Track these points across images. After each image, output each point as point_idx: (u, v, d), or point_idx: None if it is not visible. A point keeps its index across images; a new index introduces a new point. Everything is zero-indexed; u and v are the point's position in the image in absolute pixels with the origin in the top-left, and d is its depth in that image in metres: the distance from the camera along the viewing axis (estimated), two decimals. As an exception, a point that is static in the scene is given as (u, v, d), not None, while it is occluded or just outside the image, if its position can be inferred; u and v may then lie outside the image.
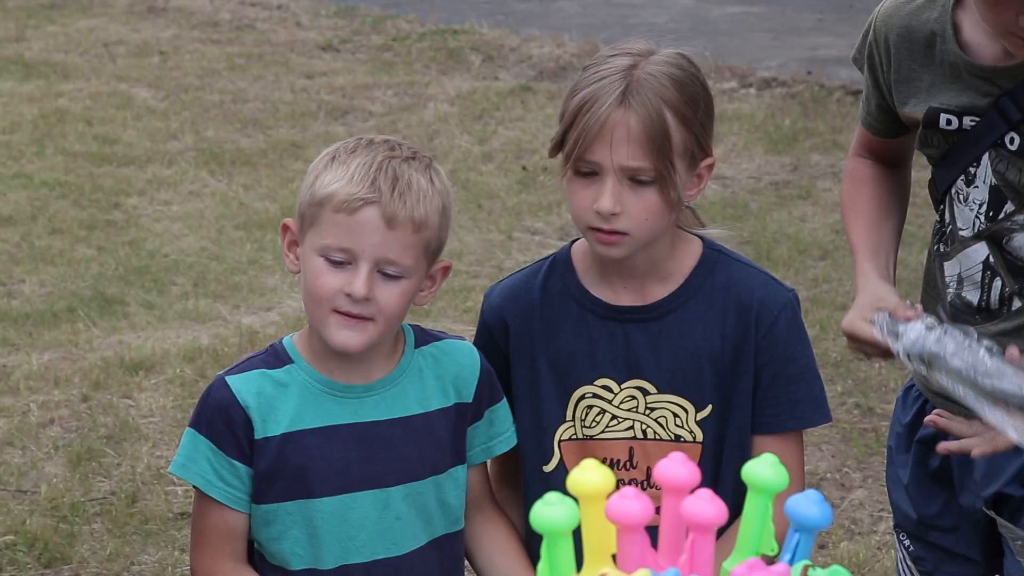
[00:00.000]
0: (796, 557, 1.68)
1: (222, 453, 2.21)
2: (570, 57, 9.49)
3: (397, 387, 2.25)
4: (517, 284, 2.42)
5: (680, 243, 2.35)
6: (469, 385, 2.30)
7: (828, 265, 5.93)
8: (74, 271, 6.04)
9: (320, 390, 2.23)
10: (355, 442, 2.22)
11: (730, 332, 2.31)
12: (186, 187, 7.20)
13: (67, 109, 8.47)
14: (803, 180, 7.15)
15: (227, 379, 2.24)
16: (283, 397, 2.22)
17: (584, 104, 2.21)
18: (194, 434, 2.23)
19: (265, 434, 2.20)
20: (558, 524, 1.59)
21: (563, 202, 6.86)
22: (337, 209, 2.15)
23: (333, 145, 2.25)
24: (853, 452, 4.52)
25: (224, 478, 2.21)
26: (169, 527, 4.15)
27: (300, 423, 2.21)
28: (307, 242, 2.20)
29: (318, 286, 2.18)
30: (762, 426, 2.34)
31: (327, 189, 2.17)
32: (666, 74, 2.23)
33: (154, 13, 11.20)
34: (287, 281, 5.96)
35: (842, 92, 8.51)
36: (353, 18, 10.88)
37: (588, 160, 2.22)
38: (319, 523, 2.22)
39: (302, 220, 2.22)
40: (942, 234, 2.48)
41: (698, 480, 1.68)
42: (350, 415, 2.23)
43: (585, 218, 2.25)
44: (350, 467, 2.21)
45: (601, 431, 2.34)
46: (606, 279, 2.35)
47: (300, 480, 2.21)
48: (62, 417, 4.80)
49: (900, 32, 2.41)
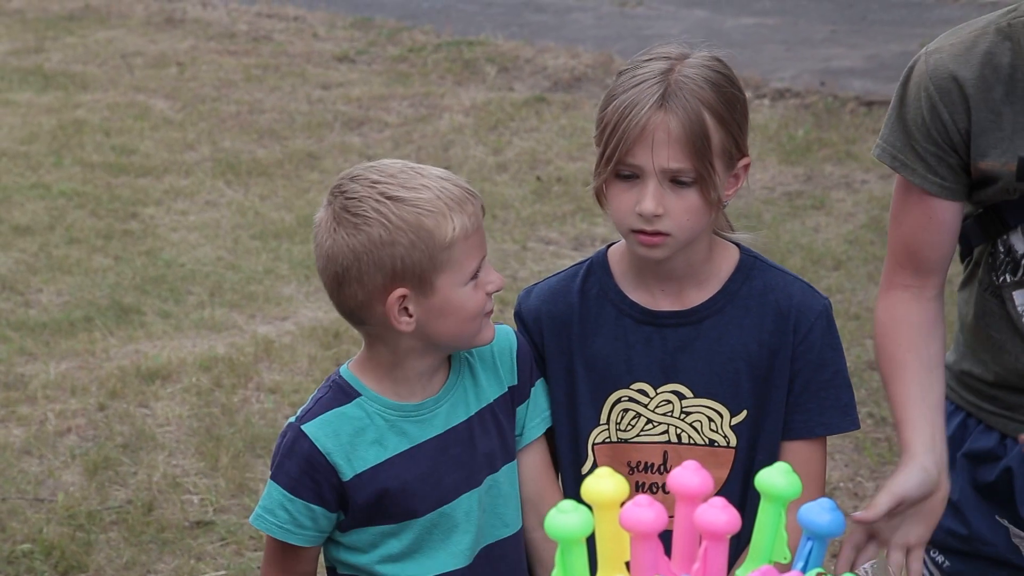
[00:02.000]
0: (809, 565, 1.70)
1: (299, 500, 2.22)
2: (584, 68, 9.51)
3: (459, 390, 2.29)
4: (555, 287, 2.44)
5: (717, 248, 2.38)
6: (510, 365, 2.33)
7: (841, 275, 5.94)
8: (91, 280, 6.07)
9: (396, 416, 2.25)
10: (440, 453, 2.25)
11: (767, 337, 2.33)
12: (203, 197, 7.23)
13: (85, 120, 8.52)
14: (816, 191, 7.15)
15: (303, 428, 2.22)
16: (362, 433, 2.23)
17: (624, 108, 2.23)
18: (273, 486, 2.24)
19: (354, 472, 2.22)
20: (572, 532, 1.61)
21: (577, 212, 6.88)
22: (464, 236, 2.18)
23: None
24: (866, 461, 4.53)
25: (300, 523, 2.23)
26: (185, 536, 4.18)
27: (385, 453, 2.23)
28: (442, 287, 2.18)
29: (476, 304, 2.22)
30: (791, 432, 2.35)
31: (447, 232, 2.17)
32: (703, 76, 2.25)
33: (172, 24, 11.25)
34: (302, 291, 5.99)
35: (855, 103, 8.52)
36: (369, 30, 10.92)
37: (629, 163, 2.24)
38: (424, 537, 2.26)
39: (420, 279, 2.17)
40: (1008, 264, 2.44)
41: (711, 489, 1.69)
42: (428, 431, 2.26)
43: (627, 221, 2.26)
44: (443, 479, 2.25)
45: (636, 435, 2.36)
46: (643, 283, 2.37)
47: (401, 504, 2.23)
48: (79, 426, 4.83)
49: (972, 81, 2.31)
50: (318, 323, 5.61)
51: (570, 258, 6.26)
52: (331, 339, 5.44)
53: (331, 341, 5.43)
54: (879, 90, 8.79)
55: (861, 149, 7.74)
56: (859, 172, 7.42)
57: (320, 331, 5.52)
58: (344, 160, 7.84)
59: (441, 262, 2.14)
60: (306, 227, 6.76)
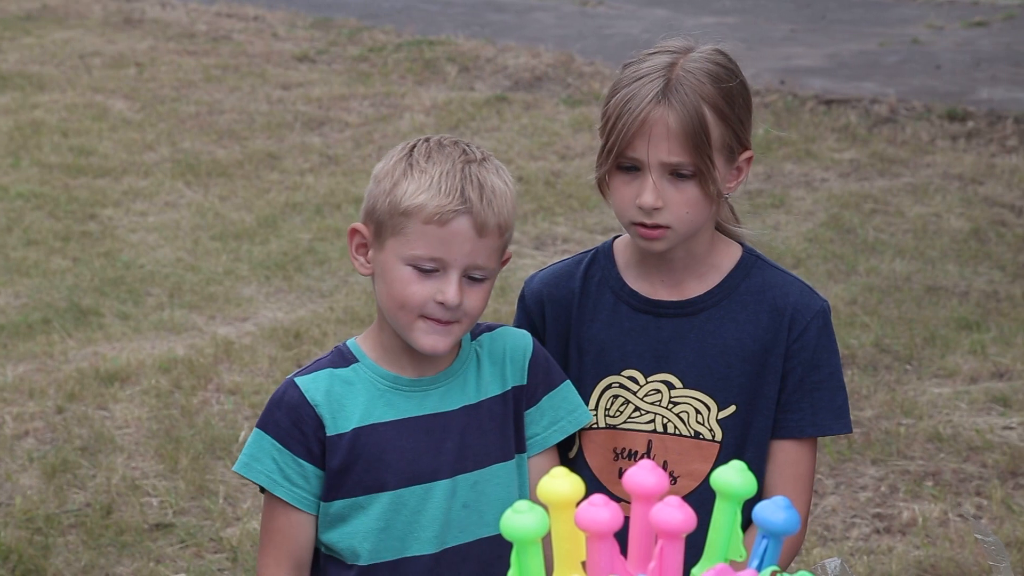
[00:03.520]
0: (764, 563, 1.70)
1: (288, 452, 2.23)
2: (545, 68, 9.51)
3: (459, 378, 2.29)
4: (559, 272, 2.46)
5: (720, 244, 2.39)
6: (521, 367, 2.33)
7: (801, 273, 5.96)
8: (49, 282, 6.03)
9: (387, 386, 2.27)
10: (423, 433, 2.26)
11: (762, 333, 2.34)
12: (162, 198, 7.20)
13: (43, 121, 8.46)
14: (776, 189, 7.18)
15: (296, 380, 2.27)
16: (352, 394, 2.26)
17: (625, 102, 2.25)
18: (260, 434, 2.26)
19: (336, 431, 2.23)
20: (528, 532, 1.61)
21: (539, 212, 6.88)
22: (428, 220, 2.17)
23: (398, 148, 2.26)
24: (826, 459, 4.55)
25: (289, 477, 2.24)
26: (144, 538, 4.15)
27: (370, 418, 2.25)
28: (389, 249, 2.21)
29: (408, 295, 2.20)
30: (782, 431, 2.35)
31: (414, 200, 2.17)
32: (704, 71, 2.27)
33: (130, 25, 11.19)
34: (262, 292, 5.97)
35: (815, 102, 8.56)
36: (329, 29, 10.89)
37: (629, 156, 2.26)
38: (391, 515, 2.25)
39: (379, 227, 2.22)
40: None
41: (667, 487, 1.69)
42: (417, 408, 2.27)
43: (628, 213, 2.28)
44: (420, 458, 2.25)
45: (623, 421, 2.36)
46: (645, 273, 2.38)
47: (373, 473, 2.24)
48: (37, 429, 4.79)
49: None
50: (278, 324, 5.59)
51: (531, 257, 6.27)
52: (292, 340, 5.42)
53: (292, 342, 5.41)
54: (839, 88, 8.84)
55: (820, 148, 7.78)
56: (818, 171, 7.46)
57: (280, 332, 5.50)
58: (304, 160, 7.82)
59: (396, 225, 2.18)
60: (266, 227, 6.74)
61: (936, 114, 8.26)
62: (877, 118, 8.26)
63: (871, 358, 5.24)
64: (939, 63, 9.50)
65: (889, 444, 4.62)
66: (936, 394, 4.96)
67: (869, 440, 4.64)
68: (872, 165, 7.51)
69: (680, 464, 2.33)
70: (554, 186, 7.27)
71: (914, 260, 6.18)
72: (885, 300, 5.75)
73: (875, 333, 5.41)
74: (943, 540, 4.09)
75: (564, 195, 7.08)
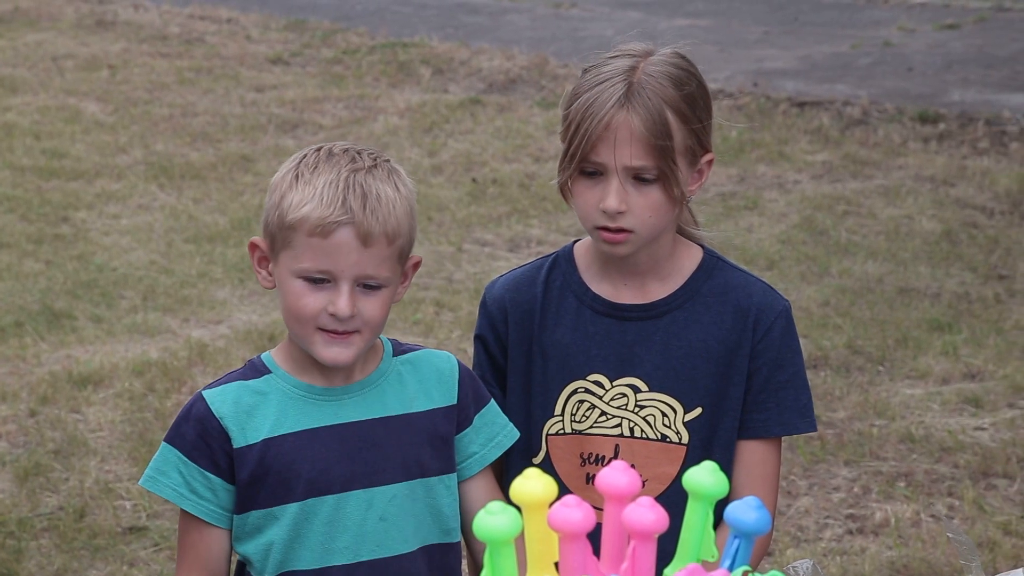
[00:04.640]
0: (736, 563, 1.70)
1: (195, 465, 2.21)
2: (519, 70, 9.52)
3: (377, 389, 2.27)
4: (520, 277, 2.45)
5: (681, 247, 2.40)
6: (450, 387, 2.30)
7: (774, 275, 5.98)
8: (22, 285, 6.01)
9: (299, 395, 2.25)
10: (336, 443, 2.23)
11: (726, 334, 2.35)
12: (135, 201, 7.18)
13: (15, 123, 8.42)
14: (749, 191, 7.21)
15: (203, 393, 2.25)
16: (262, 405, 2.24)
17: (587, 106, 2.25)
18: (168, 448, 2.24)
19: (245, 442, 2.21)
20: (501, 533, 1.61)
21: (513, 214, 6.89)
22: (311, 233, 2.15)
23: (292, 158, 2.23)
24: (799, 460, 4.57)
25: (196, 491, 2.22)
26: (118, 542, 4.14)
27: (280, 428, 2.23)
28: (282, 263, 2.20)
29: (301, 307, 2.18)
30: (749, 431, 2.36)
31: (297, 213, 2.15)
32: (666, 74, 2.28)
33: (103, 27, 11.15)
34: (236, 294, 5.96)
35: (788, 104, 8.59)
36: (303, 32, 10.87)
37: (592, 161, 2.26)
38: (302, 526, 2.23)
39: (272, 240, 2.21)
40: None
41: (639, 488, 1.70)
42: (330, 417, 2.24)
43: (591, 218, 2.29)
44: (332, 468, 2.22)
45: (589, 426, 2.36)
46: (607, 276, 2.38)
47: (283, 484, 2.22)
48: (9, 432, 4.77)
49: None
50: (252, 326, 5.59)
51: (505, 259, 6.27)
52: (266, 342, 5.41)
53: (266, 344, 5.40)
54: (811, 91, 8.87)
55: (794, 150, 7.81)
56: (791, 172, 7.49)
57: (255, 334, 5.49)
58: (278, 163, 7.79)
59: (285, 238, 2.17)
60: (240, 230, 6.72)
61: (908, 116, 8.30)
62: (849, 120, 8.29)
63: (844, 359, 5.26)
64: (911, 65, 9.55)
65: (862, 445, 4.64)
66: (908, 395, 4.99)
67: (842, 441, 4.66)
68: (844, 167, 7.54)
69: (647, 467, 2.33)
70: (528, 188, 7.27)
71: (886, 262, 6.21)
72: (857, 302, 5.78)
73: (848, 334, 5.43)
74: (915, 540, 4.11)
75: (538, 197, 7.09)
